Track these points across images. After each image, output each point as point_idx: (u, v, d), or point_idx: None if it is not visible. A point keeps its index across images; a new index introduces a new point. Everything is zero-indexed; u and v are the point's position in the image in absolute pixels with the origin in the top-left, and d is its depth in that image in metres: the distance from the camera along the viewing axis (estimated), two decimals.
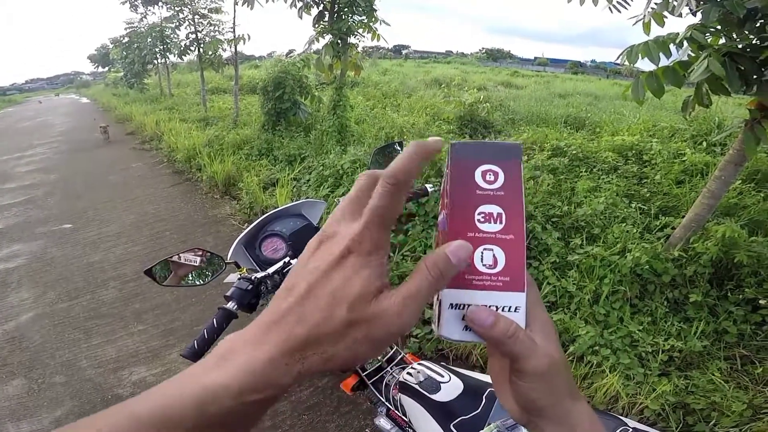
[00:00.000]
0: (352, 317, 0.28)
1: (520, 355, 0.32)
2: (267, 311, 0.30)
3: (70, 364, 2.49)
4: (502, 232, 0.34)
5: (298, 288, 0.29)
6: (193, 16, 9.07)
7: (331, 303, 0.28)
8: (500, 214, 0.34)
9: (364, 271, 0.29)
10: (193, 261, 0.95)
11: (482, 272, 0.33)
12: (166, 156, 6.99)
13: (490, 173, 0.35)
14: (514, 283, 0.33)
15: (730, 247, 2.47)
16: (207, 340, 0.82)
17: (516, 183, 0.35)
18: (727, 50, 1.91)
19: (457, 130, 6.11)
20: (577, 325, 2.31)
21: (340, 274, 0.28)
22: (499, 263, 0.33)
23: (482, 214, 0.34)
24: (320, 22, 5.93)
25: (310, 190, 4.31)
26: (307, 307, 0.28)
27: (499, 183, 0.35)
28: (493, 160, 0.35)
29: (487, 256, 0.33)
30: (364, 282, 0.28)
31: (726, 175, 2.37)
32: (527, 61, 51.40)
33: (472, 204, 0.34)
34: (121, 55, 14.71)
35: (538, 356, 0.32)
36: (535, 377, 0.32)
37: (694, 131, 4.98)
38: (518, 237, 0.34)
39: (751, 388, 1.99)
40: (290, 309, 0.28)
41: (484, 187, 0.35)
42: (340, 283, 0.28)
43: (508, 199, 0.34)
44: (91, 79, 49.46)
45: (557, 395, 0.33)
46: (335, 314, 0.28)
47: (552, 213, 3.15)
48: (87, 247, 3.96)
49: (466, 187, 0.35)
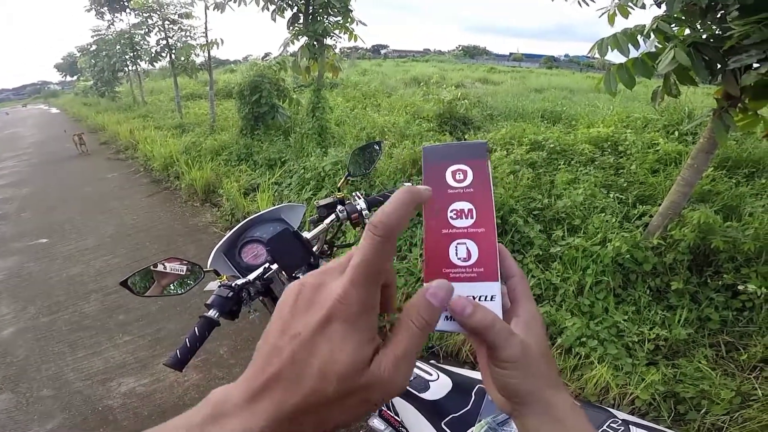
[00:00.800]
0: (344, 389, 0.27)
1: (496, 343, 0.33)
2: (255, 370, 0.28)
3: (57, 377, 2.45)
4: (474, 226, 0.36)
5: (283, 354, 0.27)
6: (162, 22, 8.88)
7: (320, 376, 0.26)
8: (471, 210, 0.36)
9: (351, 338, 0.27)
10: (170, 270, 0.92)
11: (458, 265, 0.35)
12: (142, 165, 6.83)
13: (460, 172, 0.37)
14: (488, 274, 0.35)
15: (706, 233, 2.52)
16: (190, 348, 0.81)
17: (484, 179, 0.37)
18: (692, 41, 1.97)
19: (437, 127, 6.14)
20: (564, 317, 2.33)
21: (326, 344, 0.27)
22: (473, 255, 0.35)
23: (454, 211, 0.36)
24: (295, 24, 5.88)
25: (291, 193, 4.27)
26: (295, 376, 0.27)
27: (468, 180, 0.37)
28: (461, 159, 0.37)
29: (461, 249, 0.35)
30: (352, 352, 0.27)
31: (698, 163, 2.43)
32: (503, 57, 52.07)
33: (444, 203, 0.36)
34: (90, 63, 14.34)
35: (513, 344, 0.33)
36: (510, 365, 0.33)
37: (666, 121, 5.13)
38: (489, 230, 0.36)
39: (737, 374, 2.02)
40: (278, 375, 0.27)
41: (455, 185, 0.37)
42: (326, 355, 0.27)
43: (478, 194, 0.36)
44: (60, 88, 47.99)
45: (535, 383, 0.34)
46: (326, 388, 0.27)
47: (533, 206, 3.20)
48: (65, 260, 3.86)
49: (438, 188, 0.37)
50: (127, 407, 2.21)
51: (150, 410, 2.18)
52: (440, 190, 0.37)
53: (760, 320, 2.22)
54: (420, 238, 3.01)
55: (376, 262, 0.28)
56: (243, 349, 2.55)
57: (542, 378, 0.34)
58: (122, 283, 0.90)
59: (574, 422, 0.34)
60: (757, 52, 1.78)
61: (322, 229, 1.08)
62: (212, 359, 2.49)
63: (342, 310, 0.27)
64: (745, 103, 2.19)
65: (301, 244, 0.95)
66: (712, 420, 1.81)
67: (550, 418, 0.34)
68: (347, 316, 0.27)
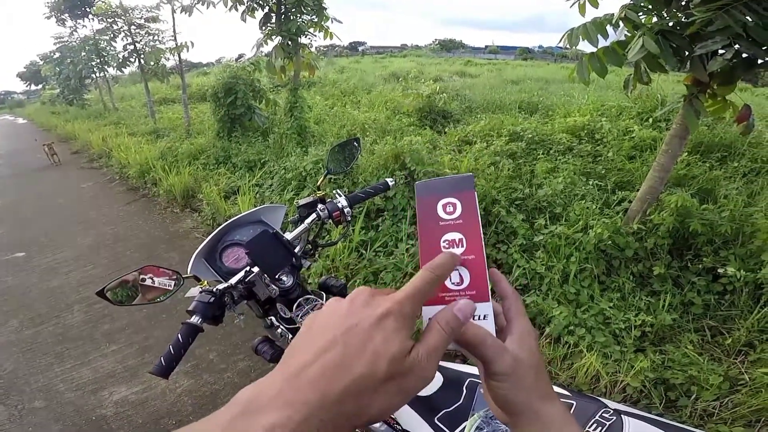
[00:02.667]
0: (391, 371, 0.31)
1: (488, 357, 0.37)
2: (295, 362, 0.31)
3: (47, 388, 2.41)
4: (465, 254, 0.39)
5: (335, 343, 0.31)
6: (128, 27, 8.66)
7: (373, 359, 0.30)
8: (461, 239, 0.40)
9: (401, 331, 0.32)
10: (148, 278, 0.90)
11: (452, 289, 0.39)
12: (117, 173, 6.64)
13: (450, 205, 0.41)
14: (479, 295, 0.39)
15: (684, 217, 2.58)
16: (174, 356, 0.80)
17: (472, 210, 0.41)
18: (660, 28, 2.01)
19: (417, 122, 6.15)
20: (551, 306, 2.35)
21: (381, 333, 0.31)
22: (465, 280, 0.39)
23: (446, 241, 0.40)
24: (267, 24, 5.79)
25: (273, 195, 4.22)
26: (347, 362, 0.30)
27: (458, 213, 0.41)
28: (450, 193, 0.42)
29: (454, 276, 0.39)
30: (401, 341, 0.32)
31: (672, 148, 2.49)
32: (479, 49, 52.42)
33: (437, 234, 0.41)
34: (54, 71, 13.88)
35: (504, 359, 0.37)
36: (503, 377, 0.37)
37: (640, 109, 5.25)
38: (479, 256, 0.40)
39: (724, 359, 2.05)
40: (327, 364, 0.30)
41: (445, 218, 0.41)
42: (381, 341, 0.31)
43: (467, 225, 0.40)
44: (25, 97, 46.29)
45: (526, 394, 0.37)
46: (377, 368, 0.30)
47: (515, 196, 3.23)
48: (44, 273, 3.75)
49: (430, 221, 0.41)
50: (121, 416, 2.18)
51: (144, 418, 2.16)
52: (432, 223, 0.41)
53: (742, 303, 2.26)
54: (405, 233, 3.02)
55: (427, 290, 0.35)
56: (233, 353, 2.52)
57: (533, 390, 0.37)
58: (99, 293, 0.87)
59: (562, 429, 0.37)
60: (722, 38, 1.83)
61: (304, 229, 1.06)
62: (202, 365, 2.45)
63: (398, 310, 0.33)
64: (713, 88, 2.25)
65: (282, 246, 0.93)
66: (703, 406, 1.82)
67: (540, 426, 0.37)
68: (400, 315, 0.33)
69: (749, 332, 2.12)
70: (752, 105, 2.38)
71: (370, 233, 3.15)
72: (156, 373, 0.78)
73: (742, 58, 2.00)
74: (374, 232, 3.17)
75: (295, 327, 1.00)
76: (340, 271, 2.92)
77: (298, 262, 1.02)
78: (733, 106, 2.34)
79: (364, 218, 3.26)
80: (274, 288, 0.98)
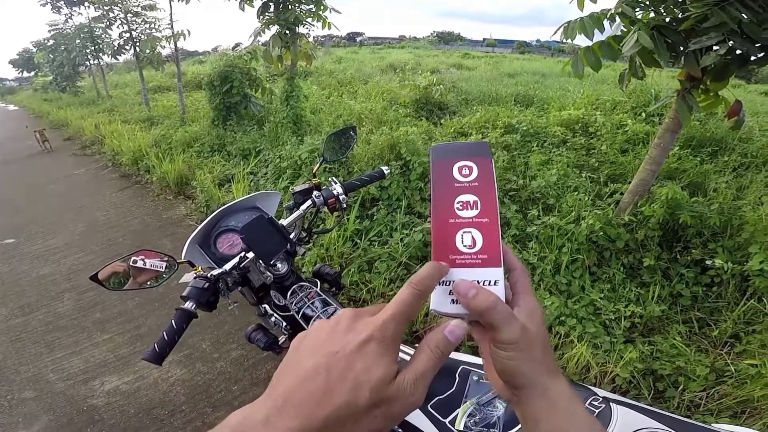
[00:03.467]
0: (374, 399, 0.30)
1: (498, 323, 0.35)
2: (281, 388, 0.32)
3: (37, 378, 2.38)
4: (479, 217, 0.39)
5: (318, 370, 0.31)
6: (125, 15, 8.51)
7: (355, 387, 0.30)
8: (476, 202, 0.39)
9: (384, 358, 0.32)
10: (141, 263, 0.91)
11: (463, 252, 0.38)
12: (110, 160, 6.57)
13: (466, 168, 0.41)
14: (491, 260, 0.38)
15: (674, 209, 2.61)
16: (168, 342, 0.80)
17: (488, 175, 0.40)
18: (655, 24, 2.02)
19: (413, 113, 6.14)
20: (542, 296, 2.38)
21: (362, 360, 0.31)
22: (477, 243, 0.38)
23: (460, 202, 0.40)
24: (265, 14, 5.71)
25: (268, 183, 4.21)
26: (329, 390, 0.30)
27: (474, 176, 0.40)
28: (467, 157, 0.41)
29: (466, 238, 0.38)
30: (384, 368, 0.31)
31: (664, 142, 2.51)
32: (476, 42, 52.07)
33: (451, 195, 0.40)
34: (48, 58, 13.71)
35: (513, 326, 0.35)
36: (510, 346, 0.35)
37: (634, 103, 5.28)
38: (492, 220, 0.39)
39: (710, 351, 2.08)
40: (308, 390, 0.30)
41: (461, 180, 0.40)
42: (362, 369, 0.31)
43: (482, 188, 0.40)
44: (17, 84, 45.36)
45: (533, 366, 0.36)
46: (359, 397, 0.30)
47: (509, 187, 3.26)
48: (35, 260, 3.71)
49: (445, 182, 0.40)
50: (113, 406, 2.17)
51: (137, 408, 2.15)
52: (447, 184, 0.40)
53: (728, 295, 2.30)
54: (400, 223, 3.03)
55: (412, 306, 0.34)
56: (226, 342, 2.53)
57: (540, 363, 0.36)
58: (92, 278, 0.88)
59: (569, 406, 0.36)
60: (716, 34, 1.84)
61: (299, 215, 1.07)
62: (195, 354, 2.45)
63: (380, 334, 0.32)
64: (706, 84, 2.27)
65: (277, 231, 0.94)
66: (690, 396, 1.85)
67: (547, 402, 0.35)
68: (383, 340, 0.32)
69: (735, 324, 2.16)
70: (744, 101, 2.40)
71: (365, 222, 3.16)
72: (149, 359, 0.78)
73: (736, 55, 2.02)
74: (369, 221, 3.18)
75: (288, 314, 1.01)
76: (334, 259, 2.94)
77: (292, 248, 1.02)
78: (725, 102, 2.36)
79: (359, 208, 3.26)
80: (268, 274, 0.99)
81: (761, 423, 1.66)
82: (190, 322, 0.85)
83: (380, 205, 3.28)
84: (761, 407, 1.73)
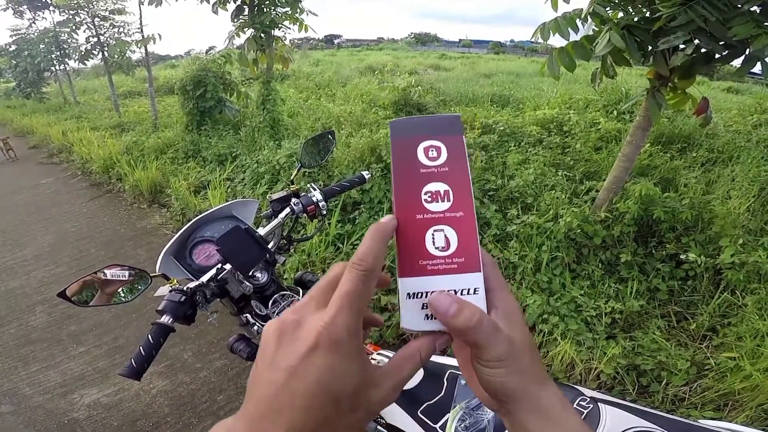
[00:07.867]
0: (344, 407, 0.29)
1: (482, 342, 0.31)
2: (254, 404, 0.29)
3: (12, 393, 2.31)
4: (451, 210, 0.32)
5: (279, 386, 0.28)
6: (92, 19, 8.24)
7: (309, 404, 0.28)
8: (447, 191, 0.32)
9: (339, 365, 0.28)
10: (112, 278, 0.86)
11: (435, 255, 0.32)
12: (79, 168, 6.33)
13: (433, 149, 0.33)
14: (469, 264, 0.32)
15: (648, 205, 2.68)
16: (145, 357, 0.77)
17: (460, 157, 0.33)
18: (626, 23, 2.07)
19: (393, 114, 6.14)
20: (524, 294, 2.40)
21: (315, 371, 0.28)
22: (452, 244, 0.32)
23: (429, 193, 0.32)
24: (239, 17, 5.62)
25: (245, 189, 4.13)
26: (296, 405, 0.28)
27: (443, 158, 0.33)
28: (434, 135, 0.33)
29: (438, 237, 0.32)
30: (338, 377, 0.28)
31: (636, 139, 2.58)
32: (453, 43, 52.78)
33: (417, 185, 0.32)
34: (10, 64, 13.14)
35: (499, 343, 0.31)
36: (497, 363, 0.32)
37: (606, 101, 5.42)
38: (468, 213, 0.32)
39: (689, 344, 2.13)
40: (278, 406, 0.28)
41: (428, 164, 0.33)
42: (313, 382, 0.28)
43: (454, 174, 0.33)
44: None
45: (522, 379, 0.32)
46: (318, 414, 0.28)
47: (488, 187, 3.29)
48: (2, 273, 3.57)
49: (409, 167, 0.33)
50: (95, 419, 2.11)
51: (120, 420, 2.09)
52: (411, 170, 0.33)
53: (703, 289, 2.36)
54: None
55: (359, 292, 0.29)
56: (208, 352, 2.47)
57: (529, 374, 0.33)
58: (60, 294, 0.83)
59: (562, 415, 0.33)
60: (683, 33, 1.90)
61: (277, 224, 1.04)
62: (177, 365, 2.39)
63: (328, 336, 0.28)
64: (675, 82, 2.34)
65: (255, 241, 0.91)
66: (674, 391, 1.87)
67: (538, 413, 0.32)
68: (333, 342, 0.28)
69: (711, 317, 2.22)
70: (709, 98, 2.49)
71: (346, 226, 3.14)
72: (126, 375, 0.75)
73: (701, 53, 2.09)
74: (351, 225, 3.16)
75: None
76: (317, 265, 2.90)
77: (272, 257, 1.00)
78: (692, 99, 2.44)
79: (340, 212, 3.24)
80: (247, 285, 0.96)
81: (744, 416, 1.70)
82: (167, 337, 0.81)
83: (362, 208, 3.26)
84: (743, 400, 1.77)
